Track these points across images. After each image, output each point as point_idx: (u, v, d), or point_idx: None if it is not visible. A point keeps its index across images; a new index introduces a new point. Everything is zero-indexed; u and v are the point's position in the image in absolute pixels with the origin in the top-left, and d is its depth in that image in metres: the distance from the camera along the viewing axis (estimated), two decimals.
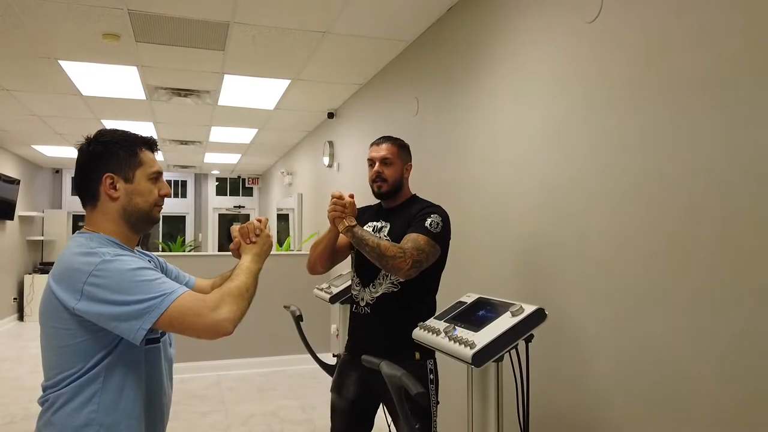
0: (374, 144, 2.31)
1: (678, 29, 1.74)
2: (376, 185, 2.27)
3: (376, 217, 2.34)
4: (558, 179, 2.31)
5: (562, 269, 2.27)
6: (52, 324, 1.29)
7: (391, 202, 2.32)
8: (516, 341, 1.75)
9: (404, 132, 4.02)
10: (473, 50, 3.04)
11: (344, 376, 2.28)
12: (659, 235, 1.80)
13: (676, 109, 1.75)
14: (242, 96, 5.35)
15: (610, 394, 1.99)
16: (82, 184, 1.40)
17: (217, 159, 9.48)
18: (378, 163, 2.25)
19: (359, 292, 2.26)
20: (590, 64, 2.13)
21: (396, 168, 2.27)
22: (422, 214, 2.17)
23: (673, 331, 1.74)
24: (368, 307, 2.21)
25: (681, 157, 1.73)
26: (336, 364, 2.40)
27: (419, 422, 2.09)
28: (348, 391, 2.24)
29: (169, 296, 1.24)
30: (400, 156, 2.29)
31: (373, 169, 2.26)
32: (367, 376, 2.15)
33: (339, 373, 2.32)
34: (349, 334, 2.33)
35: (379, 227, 2.27)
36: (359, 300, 2.25)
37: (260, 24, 3.59)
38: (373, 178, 2.27)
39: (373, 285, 2.20)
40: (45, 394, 1.32)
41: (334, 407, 2.30)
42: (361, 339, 2.26)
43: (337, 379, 2.32)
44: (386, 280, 2.19)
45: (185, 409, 4.33)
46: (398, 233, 2.17)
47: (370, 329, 2.22)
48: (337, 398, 2.28)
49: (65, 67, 4.44)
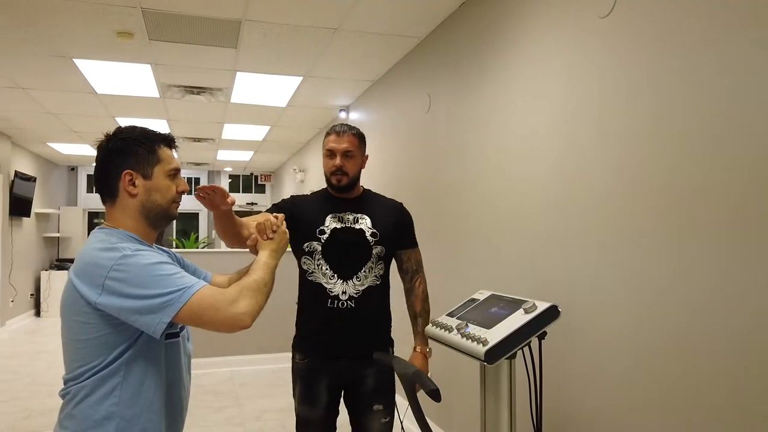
0: (334, 133, 2.16)
1: (693, 24, 1.73)
2: (335, 178, 2.14)
3: (339, 208, 2.17)
4: (570, 175, 2.30)
5: (575, 266, 2.26)
6: (73, 318, 1.31)
7: (347, 193, 2.20)
8: (529, 338, 1.75)
9: (416, 128, 4.02)
10: (485, 46, 3.03)
11: (314, 385, 2.12)
12: (673, 230, 1.79)
13: (691, 106, 1.73)
14: (254, 93, 5.38)
15: (625, 393, 1.98)
16: (102, 181, 1.42)
17: (230, 156, 9.53)
18: (339, 156, 2.13)
19: (335, 285, 2.09)
20: (603, 59, 2.11)
21: (356, 161, 2.17)
22: (408, 221, 2.29)
23: (689, 329, 1.73)
24: (351, 301, 2.08)
25: (695, 152, 1.71)
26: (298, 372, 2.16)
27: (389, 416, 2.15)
28: (321, 399, 2.11)
29: (188, 290, 1.26)
30: (361, 148, 2.19)
31: (334, 162, 2.13)
32: (335, 379, 2.12)
33: (305, 382, 2.14)
34: (318, 332, 2.12)
35: (357, 219, 2.16)
36: (337, 293, 2.08)
37: (272, 21, 3.60)
38: (332, 170, 2.14)
39: (357, 278, 2.10)
40: (66, 387, 1.33)
41: (308, 420, 2.13)
42: (341, 335, 2.10)
43: (305, 390, 2.13)
44: (371, 273, 2.12)
45: (199, 405, 4.37)
46: (384, 227, 2.16)
47: (354, 323, 2.09)
48: (311, 410, 2.12)
49: (80, 65, 4.48)
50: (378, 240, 2.14)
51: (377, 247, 2.14)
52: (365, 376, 2.12)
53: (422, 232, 3.90)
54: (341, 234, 2.12)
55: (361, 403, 2.14)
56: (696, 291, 1.71)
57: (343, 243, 2.11)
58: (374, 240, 2.14)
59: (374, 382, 2.12)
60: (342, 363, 2.11)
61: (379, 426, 2.12)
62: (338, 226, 2.13)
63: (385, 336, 2.23)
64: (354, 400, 2.16)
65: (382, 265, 2.17)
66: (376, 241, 2.14)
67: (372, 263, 2.13)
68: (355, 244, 2.11)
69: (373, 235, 2.14)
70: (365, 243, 2.13)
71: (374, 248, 2.13)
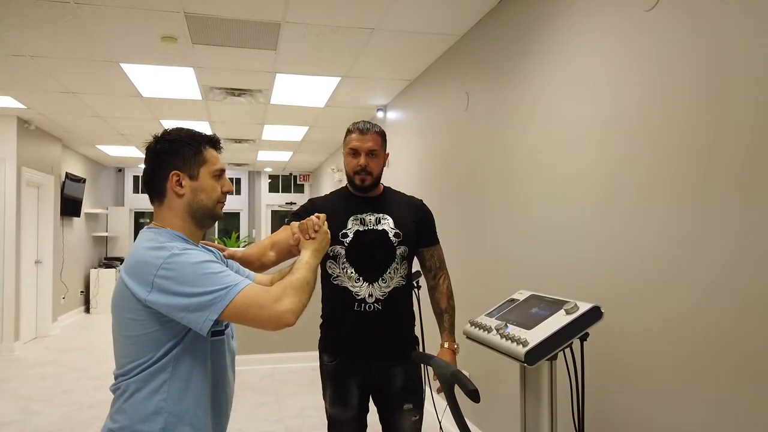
0: (357, 131, 2.12)
1: (743, 18, 1.66)
2: (359, 178, 2.11)
3: (361, 208, 2.15)
4: (615, 172, 2.25)
5: (620, 265, 2.21)
6: (124, 315, 1.35)
7: (369, 192, 2.18)
8: (570, 340, 1.72)
9: (454, 126, 4.00)
10: (524, 42, 2.99)
11: (344, 385, 2.13)
12: (720, 225, 1.73)
13: (738, 100, 1.67)
14: (293, 94, 5.45)
15: (670, 396, 1.93)
16: (150, 181, 1.46)
17: (270, 157, 9.68)
18: (364, 155, 2.10)
19: (361, 288, 2.09)
20: (649, 54, 2.06)
21: (380, 160, 2.15)
22: (429, 219, 2.26)
23: (739, 326, 1.67)
24: (378, 303, 2.08)
25: (745, 148, 1.65)
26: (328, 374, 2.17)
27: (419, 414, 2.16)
28: (352, 400, 2.12)
29: (234, 288, 1.28)
30: (383, 146, 2.17)
31: (358, 161, 2.10)
32: (364, 380, 2.12)
33: (335, 383, 2.14)
34: (346, 336, 2.12)
35: (379, 219, 2.14)
36: (363, 296, 2.08)
37: (311, 22, 3.64)
38: (356, 170, 2.11)
39: (383, 280, 2.09)
40: (117, 382, 1.38)
41: (340, 421, 2.14)
42: (369, 337, 2.09)
43: (336, 391, 2.14)
44: (396, 274, 2.12)
45: (240, 401, 4.46)
46: (407, 226, 2.15)
47: (381, 325, 2.09)
48: (343, 410, 2.13)
49: (126, 69, 4.63)
50: (401, 240, 2.13)
51: (401, 247, 2.12)
52: (394, 376, 2.13)
53: (459, 230, 3.89)
54: (364, 236, 2.10)
55: (391, 403, 2.15)
56: (745, 286, 1.64)
57: (367, 246, 2.10)
58: (398, 240, 2.12)
59: (403, 381, 2.13)
60: (371, 364, 2.12)
61: (410, 425, 2.14)
62: (361, 228, 2.11)
63: (411, 335, 2.22)
64: (384, 400, 2.17)
65: (405, 264, 2.16)
66: (399, 241, 2.12)
67: (397, 264, 2.12)
68: (379, 246, 2.10)
69: (397, 236, 2.12)
70: (389, 244, 2.11)
71: (398, 249, 2.12)
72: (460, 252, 3.80)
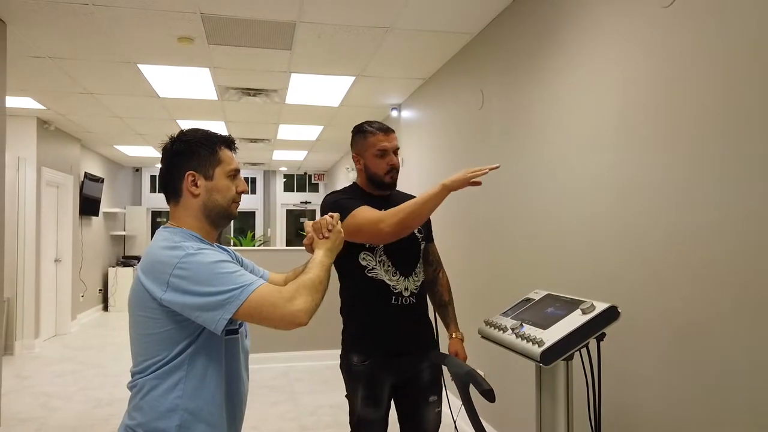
0: (380, 132, 2.14)
1: (760, 13, 1.63)
2: (389, 176, 2.14)
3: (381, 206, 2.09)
4: (633, 171, 2.22)
5: (638, 264, 2.18)
6: (140, 313, 1.37)
7: (384, 191, 2.20)
8: (586, 340, 1.70)
9: (469, 125, 3.99)
10: (540, 40, 2.97)
11: (378, 385, 2.08)
12: (738, 229, 1.70)
13: (760, 98, 1.64)
14: (308, 94, 5.46)
15: (689, 399, 1.90)
16: (166, 181, 1.48)
17: (285, 156, 9.72)
18: (393, 154, 2.15)
19: (398, 282, 2.09)
20: (667, 51, 2.03)
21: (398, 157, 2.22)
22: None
23: (750, 332, 1.64)
24: (413, 297, 2.11)
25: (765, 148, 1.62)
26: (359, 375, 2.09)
27: None
28: (384, 399, 2.09)
29: (248, 287, 1.29)
30: None
31: (388, 160, 2.13)
32: (396, 377, 2.11)
33: (369, 383, 2.08)
34: (382, 331, 2.08)
35: None
36: (400, 290, 2.08)
37: (325, 22, 3.65)
38: (387, 169, 2.14)
39: (415, 274, 2.15)
40: (133, 380, 1.40)
41: (371, 421, 2.08)
42: (405, 332, 2.10)
43: (369, 392, 2.08)
44: (421, 269, 2.20)
45: (255, 399, 4.48)
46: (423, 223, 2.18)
47: (415, 319, 2.14)
48: (375, 411, 2.07)
49: (143, 70, 4.68)
50: (423, 236, 2.22)
51: (423, 242, 2.23)
52: (422, 370, 2.15)
53: (475, 229, 3.88)
54: None
55: (418, 396, 2.16)
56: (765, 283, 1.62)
57: (401, 240, 2.09)
58: (421, 236, 2.21)
59: (429, 375, 2.16)
60: (404, 360, 2.12)
61: (434, 416, 2.17)
62: None
63: (433, 327, 2.26)
64: (409, 395, 2.17)
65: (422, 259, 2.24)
66: (422, 237, 2.22)
67: (422, 258, 2.21)
68: (410, 240, 2.14)
69: (419, 232, 2.20)
70: (416, 239, 2.19)
71: (421, 244, 2.22)
72: (476, 251, 3.79)
